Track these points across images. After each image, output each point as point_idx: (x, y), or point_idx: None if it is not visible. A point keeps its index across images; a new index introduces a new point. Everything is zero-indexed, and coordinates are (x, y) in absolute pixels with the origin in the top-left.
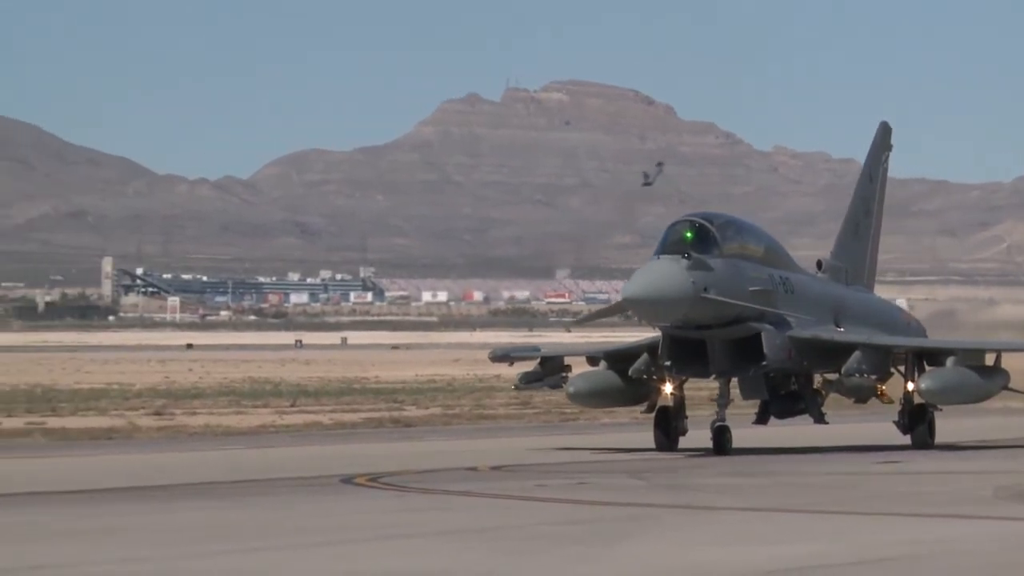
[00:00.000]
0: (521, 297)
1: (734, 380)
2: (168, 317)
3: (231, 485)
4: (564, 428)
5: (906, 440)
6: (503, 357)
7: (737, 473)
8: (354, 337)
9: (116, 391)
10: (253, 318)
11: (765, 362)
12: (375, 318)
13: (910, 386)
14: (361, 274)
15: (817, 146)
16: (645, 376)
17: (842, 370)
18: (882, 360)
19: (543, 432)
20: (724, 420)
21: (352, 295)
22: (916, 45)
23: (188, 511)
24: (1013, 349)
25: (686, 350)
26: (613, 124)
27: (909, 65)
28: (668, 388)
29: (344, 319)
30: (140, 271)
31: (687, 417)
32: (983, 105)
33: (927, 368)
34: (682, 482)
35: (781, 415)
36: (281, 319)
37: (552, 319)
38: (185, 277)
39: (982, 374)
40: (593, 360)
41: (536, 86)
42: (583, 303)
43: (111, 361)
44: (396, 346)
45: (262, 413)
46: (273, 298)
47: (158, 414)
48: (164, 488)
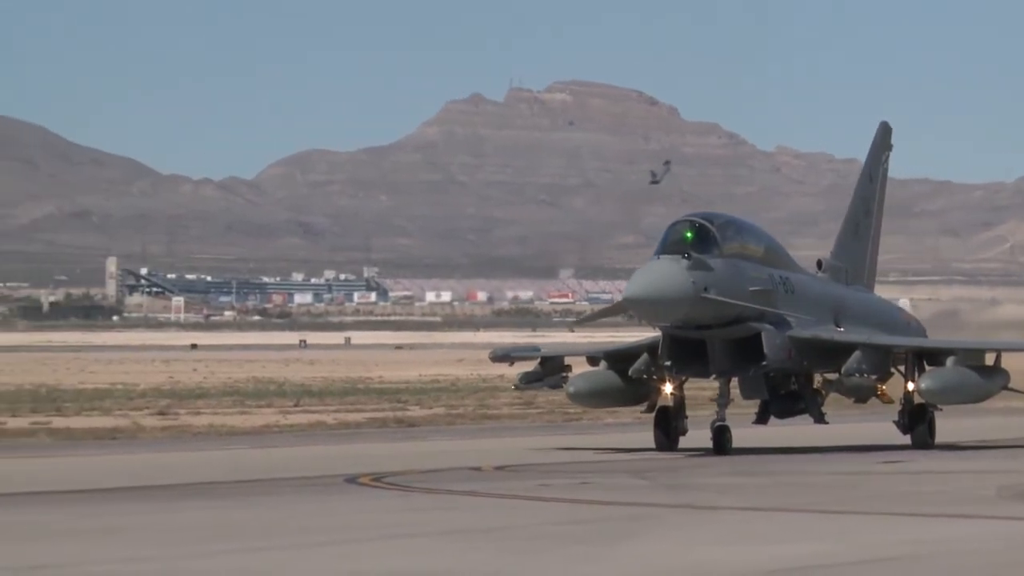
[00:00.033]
0: (525, 297)
1: (734, 380)
2: (172, 317)
3: (235, 485)
4: (567, 428)
5: (906, 440)
6: (503, 357)
7: (739, 473)
8: (358, 337)
9: (120, 391)
10: (257, 318)
11: (765, 362)
12: (379, 318)
13: (910, 386)
14: (365, 274)
15: (820, 146)
16: (645, 376)
17: (842, 370)
18: (882, 360)
19: (546, 432)
20: (724, 420)
21: (356, 295)
22: (919, 45)
23: (192, 511)
24: (1013, 349)
25: (686, 350)
26: (617, 124)
27: (912, 65)
28: (668, 388)
29: (348, 319)
30: (144, 271)
31: (687, 417)
32: (986, 105)
33: (927, 368)
34: (684, 482)
35: (781, 415)
36: (285, 319)
37: (556, 319)
38: (189, 277)
39: (982, 374)
40: (593, 360)
41: (540, 86)
42: (586, 303)
43: (115, 361)
44: (400, 346)
45: (266, 413)
46: (277, 298)
47: (162, 414)
48: (168, 488)
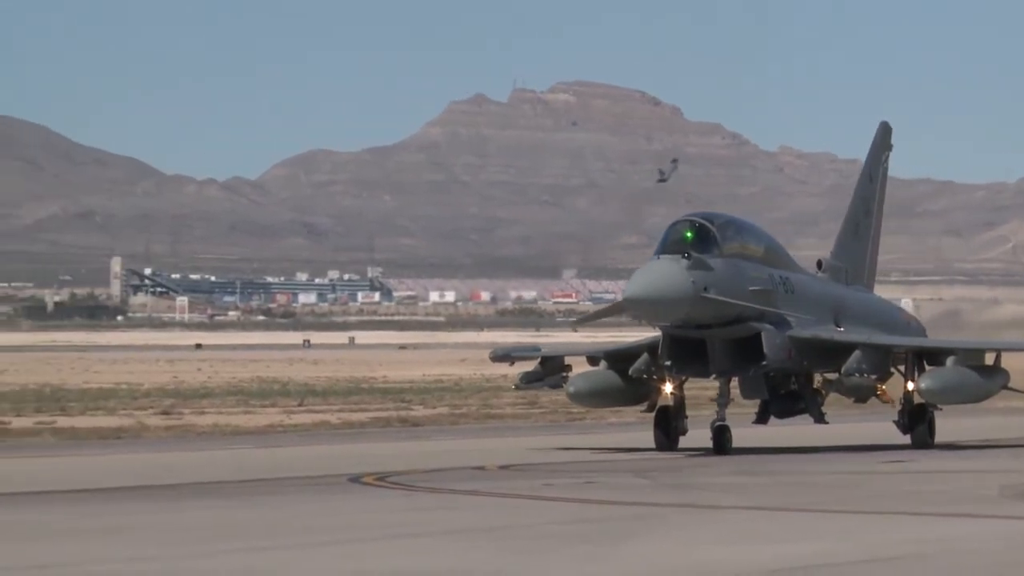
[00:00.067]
0: (528, 297)
1: (734, 380)
2: (176, 317)
3: (239, 484)
4: (571, 428)
5: (906, 440)
6: (503, 357)
7: (741, 472)
8: (362, 337)
9: (125, 391)
10: (261, 318)
11: (765, 362)
12: (383, 318)
13: (910, 386)
14: (369, 274)
15: (823, 146)
16: (645, 376)
17: (842, 370)
18: (882, 360)
19: (550, 432)
20: (724, 420)
21: (360, 295)
22: (923, 45)
23: (195, 510)
24: (1013, 349)
25: (686, 350)
26: (620, 125)
27: (915, 65)
28: (668, 388)
29: (352, 319)
30: (149, 271)
31: (687, 417)
32: (989, 105)
33: (927, 368)
34: (687, 481)
35: (781, 415)
36: (289, 319)
37: (559, 319)
38: (193, 277)
39: (982, 374)
40: (593, 360)
41: (543, 87)
42: (590, 303)
43: (120, 361)
44: (403, 346)
45: (270, 413)
46: (281, 298)
47: (166, 414)
48: (172, 487)
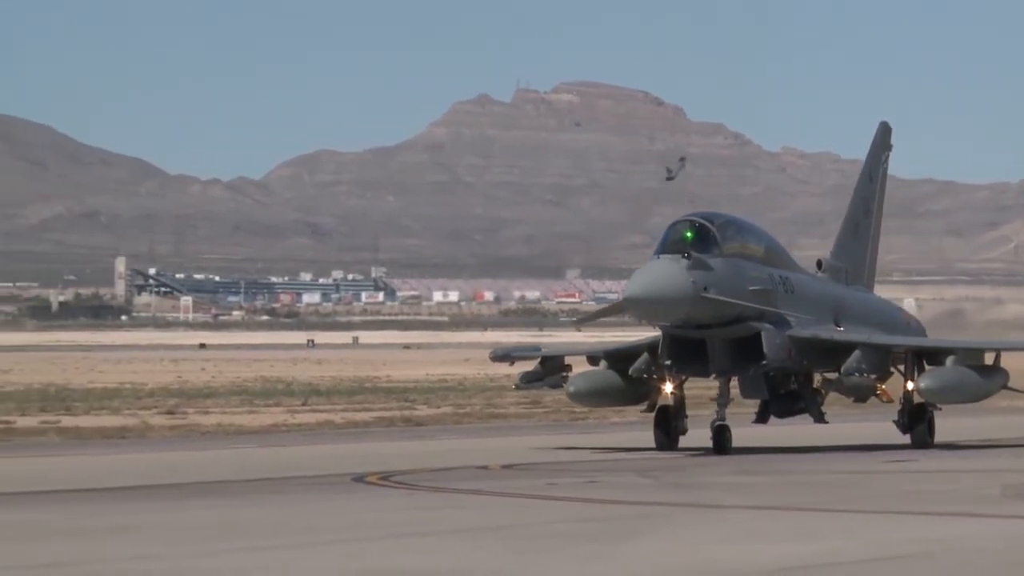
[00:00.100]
0: (531, 297)
1: (734, 380)
2: (181, 317)
3: (243, 484)
4: (573, 427)
5: (906, 439)
6: (504, 357)
7: (744, 472)
8: (366, 337)
9: (129, 390)
10: (265, 318)
11: (765, 361)
12: (386, 318)
13: (910, 385)
14: (373, 274)
15: (825, 146)
16: (645, 375)
17: (842, 369)
18: (882, 359)
19: (553, 431)
20: (724, 419)
21: (364, 295)
22: (925, 45)
23: (199, 510)
24: (1012, 348)
25: (686, 349)
26: (623, 125)
27: (918, 65)
28: (668, 387)
29: (356, 319)
30: (153, 271)
31: (687, 416)
32: (992, 106)
33: (927, 367)
34: (690, 481)
35: (781, 414)
36: (293, 319)
37: (562, 319)
38: (198, 277)
39: (981, 373)
40: (593, 359)
41: (546, 87)
42: (593, 303)
43: (124, 360)
44: (407, 346)
45: (274, 412)
46: (285, 298)
47: (171, 413)
48: (176, 487)
